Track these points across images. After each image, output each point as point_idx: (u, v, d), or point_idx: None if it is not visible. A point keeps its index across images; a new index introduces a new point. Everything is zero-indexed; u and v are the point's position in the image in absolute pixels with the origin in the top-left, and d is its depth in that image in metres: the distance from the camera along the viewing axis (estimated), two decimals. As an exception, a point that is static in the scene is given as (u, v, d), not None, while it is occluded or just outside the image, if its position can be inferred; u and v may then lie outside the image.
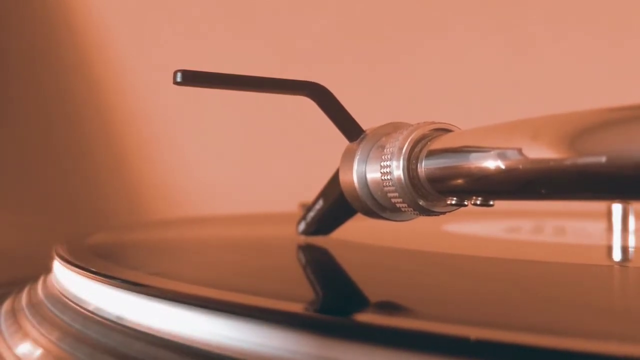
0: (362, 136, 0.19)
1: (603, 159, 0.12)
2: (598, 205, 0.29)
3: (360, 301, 0.16)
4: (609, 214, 0.28)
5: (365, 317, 0.14)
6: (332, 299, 0.17)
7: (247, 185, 0.54)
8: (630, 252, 0.25)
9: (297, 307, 0.15)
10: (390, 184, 0.17)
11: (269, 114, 0.54)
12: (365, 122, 0.20)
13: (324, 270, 0.22)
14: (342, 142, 0.20)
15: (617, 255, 0.24)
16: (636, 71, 0.52)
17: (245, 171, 0.55)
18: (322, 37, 0.55)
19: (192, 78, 0.17)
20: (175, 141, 0.55)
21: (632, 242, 0.26)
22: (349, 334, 0.12)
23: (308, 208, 0.25)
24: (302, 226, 0.25)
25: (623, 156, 0.11)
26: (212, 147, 0.55)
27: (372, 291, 0.17)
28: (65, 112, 0.53)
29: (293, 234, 0.27)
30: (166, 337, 0.15)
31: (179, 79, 0.17)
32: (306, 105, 0.21)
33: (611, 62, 0.52)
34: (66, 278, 0.21)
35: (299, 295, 0.17)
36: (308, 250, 0.25)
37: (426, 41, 0.55)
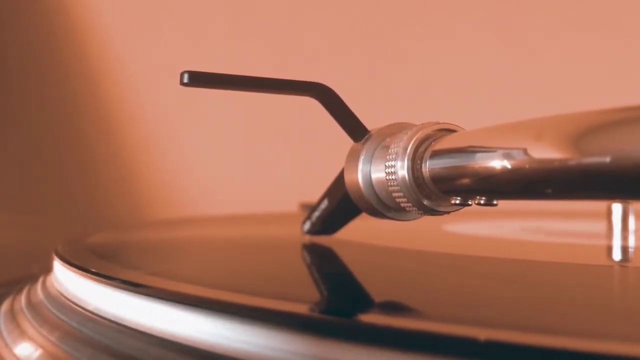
0: (366, 136, 0.19)
1: (607, 159, 0.12)
2: (598, 205, 0.29)
3: (364, 302, 0.16)
4: (609, 214, 0.28)
5: (369, 318, 0.14)
6: (336, 300, 0.17)
7: (247, 185, 0.54)
8: (630, 252, 0.25)
9: (300, 308, 0.15)
10: (394, 183, 0.18)
11: (270, 114, 0.54)
12: (369, 122, 0.20)
13: (328, 270, 0.23)
14: (342, 142, 0.20)
15: (617, 255, 0.25)
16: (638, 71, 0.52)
17: (245, 171, 0.55)
18: (324, 38, 0.55)
19: (198, 79, 0.17)
20: (176, 141, 0.55)
21: (632, 242, 0.27)
22: (352, 335, 0.12)
23: (313, 208, 0.25)
24: (307, 226, 0.26)
25: (627, 156, 0.12)
26: (213, 147, 0.55)
27: (377, 291, 0.18)
28: (65, 112, 0.53)
29: (294, 233, 0.27)
30: (166, 337, 0.15)
31: (185, 80, 0.17)
32: (306, 105, 0.21)
33: (613, 62, 0.53)
34: (66, 278, 0.21)
35: (302, 296, 0.17)
36: (312, 250, 0.25)
37: (430, 41, 0.55)
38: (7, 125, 0.52)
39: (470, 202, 0.17)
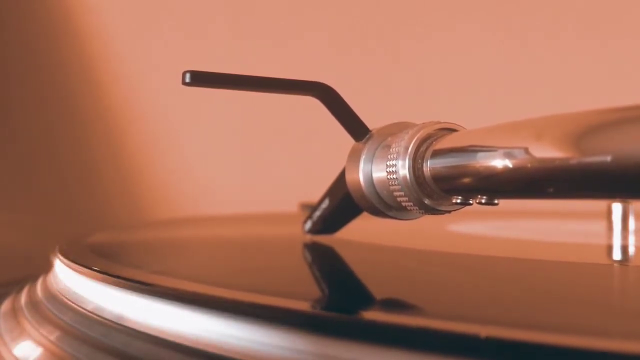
0: (368, 136, 0.19)
1: (608, 159, 0.12)
2: (598, 205, 0.29)
3: (366, 300, 0.17)
4: (609, 214, 0.28)
5: (371, 316, 0.14)
6: (338, 298, 0.17)
7: (247, 185, 0.54)
8: (630, 251, 0.25)
9: (301, 306, 0.15)
10: (396, 183, 0.18)
11: (270, 114, 0.54)
12: (370, 121, 0.20)
13: (330, 269, 0.23)
14: (342, 141, 0.20)
15: (617, 255, 0.25)
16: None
17: (245, 171, 0.55)
18: (324, 38, 0.55)
19: (200, 79, 0.18)
20: (176, 141, 0.55)
21: (632, 241, 0.27)
22: (354, 332, 0.12)
23: (314, 207, 0.25)
24: (308, 225, 0.26)
25: (628, 156, 0.12)
26: (213, 148, 0.55)
27: (378, 290, 0.18)
28: (65, 112, 0.53)
29: (295, 233, 0.27)
30: (167, 336, 0.15)
31: (187, 80, 0.17)
32: (306, 105, 0.21)
33: (613, 62, 0.53)
34: (68, 277, 0.21)
35: (304, 294, 0.17)
36: (313, 249, 0.25)
37: (430, 41, 0.55)
38: (7, 125, 0.52)
39: (471, 202, 0.17)
